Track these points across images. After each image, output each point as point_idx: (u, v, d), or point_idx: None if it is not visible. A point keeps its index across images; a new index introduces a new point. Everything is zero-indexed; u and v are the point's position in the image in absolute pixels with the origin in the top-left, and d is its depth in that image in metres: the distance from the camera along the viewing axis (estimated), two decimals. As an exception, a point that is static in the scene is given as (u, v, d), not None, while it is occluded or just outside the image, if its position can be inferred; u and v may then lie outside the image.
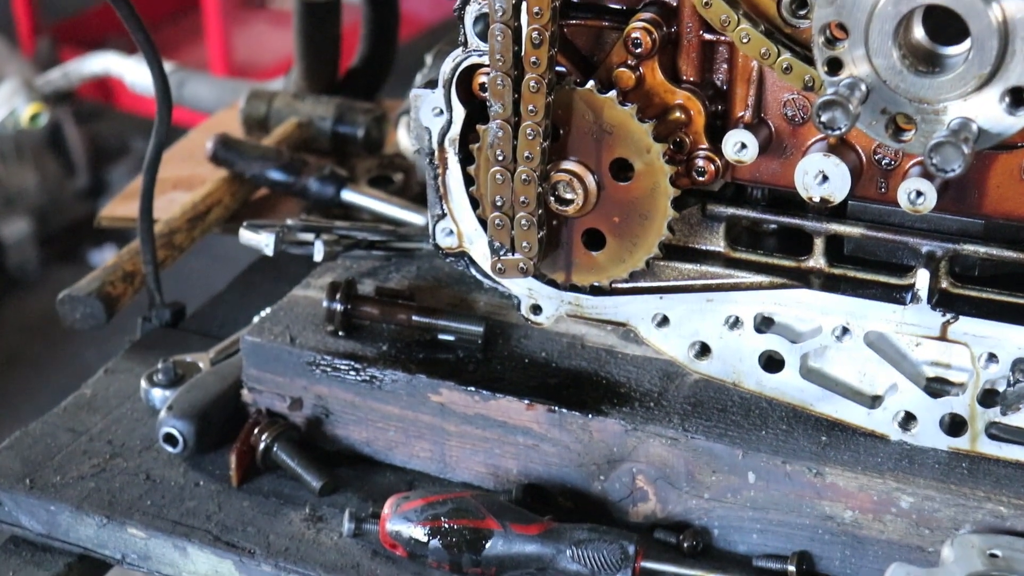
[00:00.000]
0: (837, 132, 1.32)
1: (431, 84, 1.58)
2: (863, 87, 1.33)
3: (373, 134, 2.29)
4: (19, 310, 4.47)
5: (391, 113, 2.35)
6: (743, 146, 1.46)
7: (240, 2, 5.71)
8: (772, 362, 1.56)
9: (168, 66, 2.91)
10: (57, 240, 4.73)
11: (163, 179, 1.97)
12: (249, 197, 2.20)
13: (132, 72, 3.16)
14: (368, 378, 1.67)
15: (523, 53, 1.45)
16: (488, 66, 1.48)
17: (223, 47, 4.98)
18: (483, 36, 1.51)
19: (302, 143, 2.29)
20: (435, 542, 1.53)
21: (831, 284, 1.52)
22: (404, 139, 2.20)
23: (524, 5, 1.43)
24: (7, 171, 4.46)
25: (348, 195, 2.12)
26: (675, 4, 1.48)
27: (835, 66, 1.35)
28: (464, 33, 1.53)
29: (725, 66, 1.50)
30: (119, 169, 4.99)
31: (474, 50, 1.53)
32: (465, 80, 1.56)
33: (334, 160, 2.26)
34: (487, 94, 1.49)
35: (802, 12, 1.41)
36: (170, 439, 1.71)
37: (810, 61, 1.39)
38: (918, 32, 1.33)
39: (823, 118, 1.33)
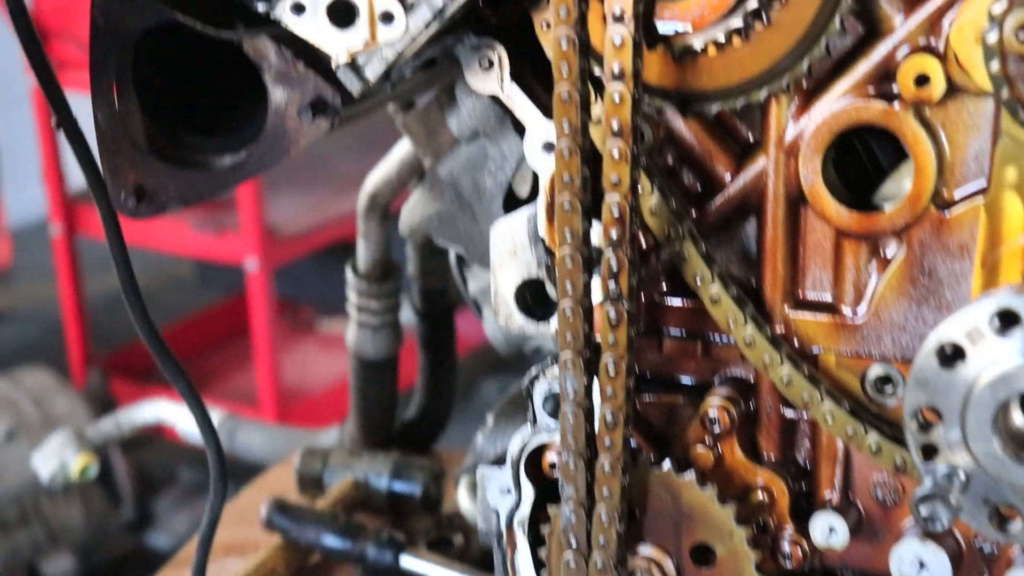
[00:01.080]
0: (938, 528, 1.24)
1: (499, 462, 1.52)
2: (962, 475, 1.26)
3: (431, 492, 2.22)
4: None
5: (449, 468, 2.29)
6: (832, 531, 1.39)
7: (289, 328, 5.75)
8: None
9: (217, 416, 2.88)
10: None
11: (216, 543, 1.90)
12: (304, 563, 2.12)
13: (184, 421, 3.13)
14: None
15: (596, 434, 1.39)
16: (559, 445, 1.42)
17: (272, 373, 4.99)
18: (553, 415, 1.46)
19: (358, 502, 2.22)
20: None
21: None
22: (464, 499, 2.13)
23: (596, 385, 1.38)
24: (53, 506, 4.39)
25: (407, 561, 2.04)
26: (753, 380, 1.43)
27: (930, 452, 1.28)
28: (533, 411, 1.48)
29: (808, 444, 1.43)
30: (165, 500, 4.92)
31: (543, 429, 1.48)
32: (534, 459, 1.49)
33: (391, 519, 2.18)
34: (558, 475, 1.43)
35: (889, 391, 1.35)
36: None
37: (900, 441, 1.32)
38: (1018, 418, 1.26)
39: (923, 513, 1.25)
